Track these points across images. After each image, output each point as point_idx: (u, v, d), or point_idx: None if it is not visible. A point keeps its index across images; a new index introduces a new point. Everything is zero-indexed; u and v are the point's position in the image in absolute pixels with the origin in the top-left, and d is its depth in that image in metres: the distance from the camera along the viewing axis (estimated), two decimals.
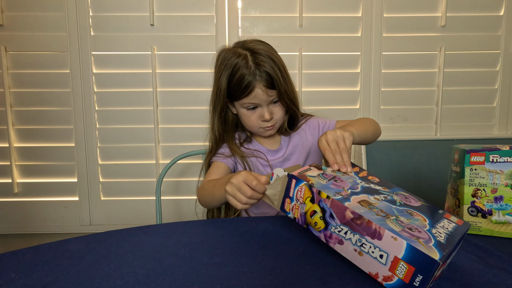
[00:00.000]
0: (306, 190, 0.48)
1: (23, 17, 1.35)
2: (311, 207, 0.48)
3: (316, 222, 0.47)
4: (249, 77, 0.74)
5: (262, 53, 0.76)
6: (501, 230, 0.59)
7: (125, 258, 0.51)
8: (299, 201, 0.50)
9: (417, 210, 0.46)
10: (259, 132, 0.83)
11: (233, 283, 0.43)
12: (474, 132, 1.48)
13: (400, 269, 0.38)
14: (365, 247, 0.42)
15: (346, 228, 0.44)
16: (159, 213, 1.00)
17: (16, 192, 1.42)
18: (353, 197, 0.46)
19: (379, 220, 0.41)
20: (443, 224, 0.44)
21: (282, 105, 0.80)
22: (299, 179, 0.50)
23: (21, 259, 0.52)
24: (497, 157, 0.59)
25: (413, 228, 0.41)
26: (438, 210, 0.47)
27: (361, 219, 0.42)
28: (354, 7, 1.40)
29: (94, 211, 1.45)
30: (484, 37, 1.43)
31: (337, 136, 0.59)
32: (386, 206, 0.45)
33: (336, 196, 0.46)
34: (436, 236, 0.40)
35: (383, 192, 0.50)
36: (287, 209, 0.52)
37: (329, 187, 0.48)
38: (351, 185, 0.50)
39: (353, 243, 0.43)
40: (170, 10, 1.38)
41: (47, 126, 1.40)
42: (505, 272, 0.46)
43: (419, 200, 0.50)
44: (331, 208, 0.45)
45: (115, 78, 1.39)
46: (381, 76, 1.43)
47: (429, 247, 0.37)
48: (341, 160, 0.57)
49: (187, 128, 1.42)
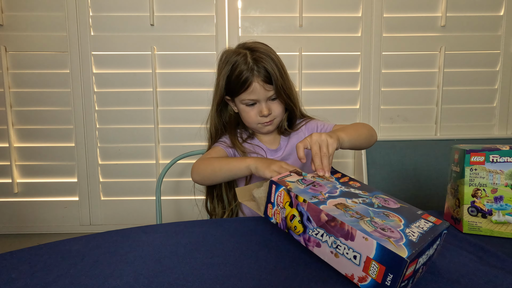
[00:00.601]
0: (285, 195, 0.50)
1: (23, 17, 1.35)
2: (290, 211, 0.49)
3: (295, 226, 0.48)
4: (247, 72, 0.76)
5: (261, 50, 0.79)
6: (501, 230, 0.59)
7: (125, 258, 0.51)
8: (280, 206, 0.51)
9: (394, 212, 0.46)
10: (258, 128, 0.85)
11: (233, 283, 0.43)
12: (474, 132, 1.48)
13: (372, 269, 0.39)
14: (340, 248, 0.42)
15: (322, 230, 0.45)
16: (159, 213, 1.00)
17: (16, 192, 1.42)
18: (330, 201, 0.47)
19: (352, 221, 0.42)
20: (419, 224, 0.44)
21: (281, 102, 0.82)
22: (278, 185, 0.51)
23: (21, 259, 0.52)
24: (497, 157, 0.59)
25: (386, 228, 0.41)
26: (417, 211, 0.48)
27: (335, 221, 0.43)
28: (354, 7, 1.40)
29: (94, 211, 1.45)
30: (484, 37, 1.43)
31: (321, 140, 0.60)
32: (363, 208, 0.46)
33: (312, 199, 0.47)
34: (409, 235, 0.40)
35: (362, 195, 0.51)
36: (270, 214, 0.53)
37: (306, 192, 0.49)
38: (329, 189, 0.51)
39: (329, 245, 0.44)
40: (170, 10, 1.38)
41: (47, 126, 1.40)
42: (505, 272, 0.46)
43: (399, 202, 0.50)
44: (307, 212, 0.46)
45: (115, 78, 1.39)
46: (381, 76, 1.43)
47: (399, 246, 0.38)
48: (319, 164, 0.58)
49: (187, 128, 1.42)
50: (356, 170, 1.46)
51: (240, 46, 0.82)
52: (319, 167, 0.58)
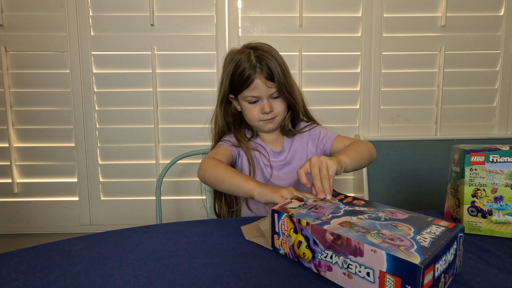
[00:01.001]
0: (288, 222, 0.48)
1: (23, 17, 1.35)
2: (296, 238, 0.47)
3: (304, 253, 0.46)
4: (250, 70, 0.78)
5: (264, 49, 0.80)
6: (501, 230, 0.59)
7: (125, 258, 0.51)
8: (285, 234, 0.49)
9: (402, 222, 0.45)
10: (260, 126, 0.85)
11: (233, 283, 0.43)
12: (474, 132, 1.48)
13: (388, 283, 0.36)
14: (352, 268, 0.40)
15: (330, 252, 0.43)
16: (159, 213, 1.00)
17: (16, 192, 1.42)
18: (334, 220, 0.46)
19: (358, 236, 0.40)
20: (430, 230, 0.42)
21: (283, 101, 0.83)
22: (280, 213, 0.50)
23: (21, 259, 0.52)
24: (497, 157, 0.59)
25: (395, 238, 0.40)
26: (427, 218, 0.46)
27: (340, 239, 0.41)
28: (354, 7, 1.40)
29: (94, 211, 1.45)
30: (484, 37, 1.43)
31: (320, 162, 0.59)
32: (369, 223, 0.44)
33: (315, 221, 0.45)
34: (420, 241, 0.39)
35: (368, 211, 0.49)
36: (277, 245, 0.52)
37: (309, 215, 0.48)
38: (332, 210, 0.50)
39: (340, 267, 0.42)
40: (170, 10, 1.38)
41: (47, 126, 1.40)
42: (505, 272, 0.46)
43: (407, 212, 0.48)
44: (313, 235, 0.45)
45: (115, 78, 1.39)
46: (381, 76, 1.43)
47: (410, 253, 0.36)
48: (319, 186, 0.57)
49: (187, 128, 1.42)
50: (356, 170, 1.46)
51: (245, 46, 0.84)
52: (319, 190, 0.57)
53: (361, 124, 1.46)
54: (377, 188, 1.41)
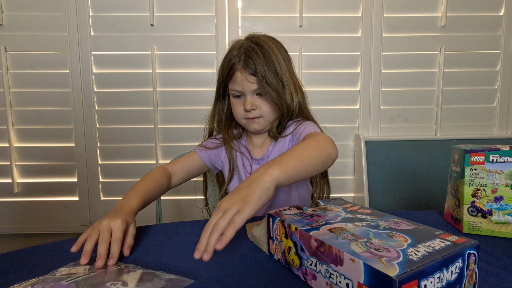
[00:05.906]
0: (280, 226, 0.48)
1: (23, 17, 1.35)
2: (287, 244, 0.46)
3: (293, 260, 0.45)
4: (234, 59, 0.74)
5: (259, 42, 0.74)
6: (501, 230, 0.59)
7: (125, 258, 0.51)
8: (278, 239, 0.49)
9: (401, 233, 0.41)
10: (245, 124, 0.80)
11: (233, 283, 0.43)
12: (474, 132, 1.48)
13: None
14: (333, 277, 0.38)
15: (314, 259, 0.41)
16: (159, 213, 1.00)
17: (16, 192, 1.42)
18: (324, 226, 0.43)
19: (342, 244, 0.38)
20: (431, 243, 0.38)
21: (269, 101, 0.75)
22: (274, 217, 0.49)
23: (21, 259, 0.52)
24: (497, 157, 0.59)
25: (382, 248, 0.36)
26: (435, 232, 0.42)
27: (323, 246, 0.39)
28: (354, 7, 1.40)
29: (94, 211, 1.45)
30: (484, 37, 1.43)
31: (227, 209, 0.43)
32: (363, 230, 0.42)
33: (304, 227, 0.43)
34: (409, 254, 0.35)
35: (369, 219, 0.46)
36: (272, 251, 0.51)
37: (301, 221, 0.46)
38: (329, 218, 0.47)
39: (323, 276, 0.39)
40: (170, 10, 1.38)
41: (47, 126, 1.40)
42: (505, 272, 0.46)
43: (413, 224, 0.44)
44: (300, 241, 0.43)
45: (115, 78, 1.39)
46: (381, 76, 1.43)
47: (390, 265, 0.32)
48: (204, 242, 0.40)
49: (187, 128, 1.42)
50: (356, 170, 1.46)
51: (247, 37, 0.79)
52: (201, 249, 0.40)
53: (361, 124, 1.46)
54: (377, 188, 1.41)
